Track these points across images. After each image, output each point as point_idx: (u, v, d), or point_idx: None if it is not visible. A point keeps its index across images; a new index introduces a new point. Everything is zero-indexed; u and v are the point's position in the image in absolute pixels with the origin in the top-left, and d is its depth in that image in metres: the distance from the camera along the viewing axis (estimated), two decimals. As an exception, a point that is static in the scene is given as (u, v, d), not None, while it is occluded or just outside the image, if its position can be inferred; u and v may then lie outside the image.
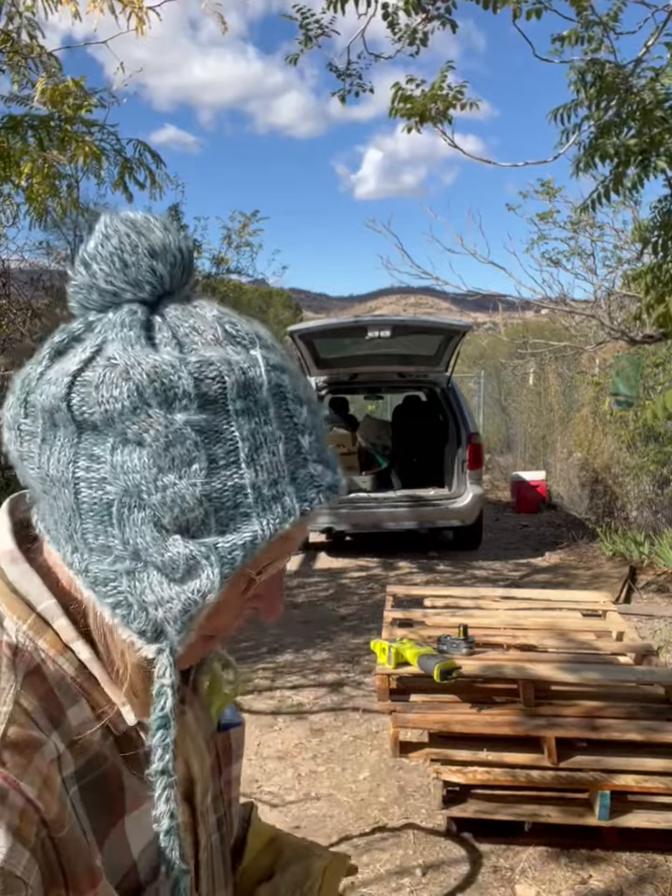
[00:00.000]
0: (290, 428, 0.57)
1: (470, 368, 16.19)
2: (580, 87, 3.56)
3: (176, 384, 0.54)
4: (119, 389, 0.53)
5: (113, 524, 0.55)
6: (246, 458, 0.55)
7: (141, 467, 0.53)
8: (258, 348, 0.58)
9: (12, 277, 8.55)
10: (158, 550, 0.54)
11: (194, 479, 0.54)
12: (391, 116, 3.76)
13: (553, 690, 3.17)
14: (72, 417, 0.54)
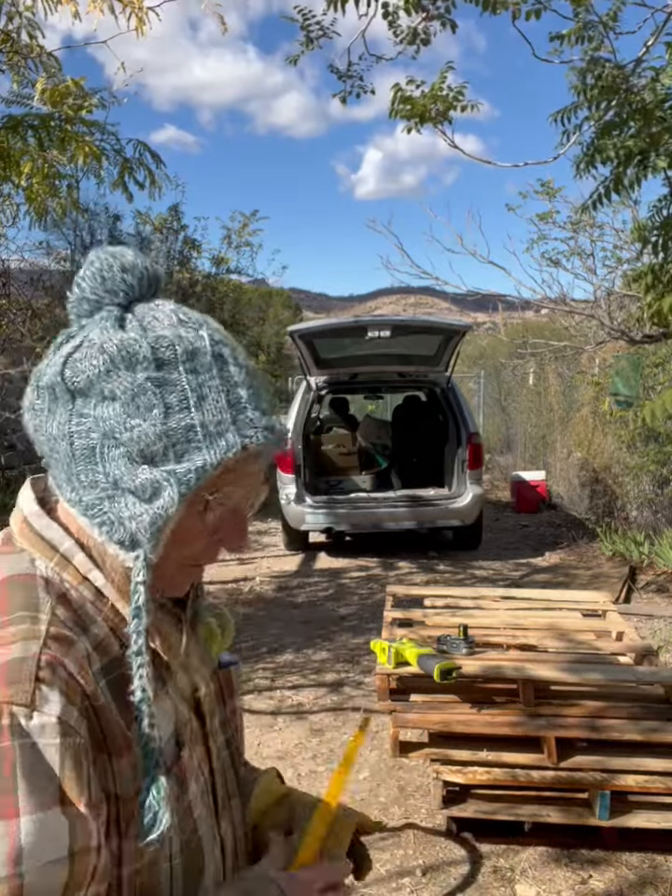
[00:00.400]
0: (230, 384, 0.73)
1: (470, 368, 16.19)
2: (580, 88, 3.56)
3: (138, 351, 0.71)
4: (96, 359, 0.71)
5: (97, 462, 0.72)
6: (195, 405, 0.71)
7: (114, 415, 0.71)
8: (203, 329, 0.75)
9: (12, 277, 8.55)
10: (130, 477, 0.71)
11: (154, 421, 0.70)
12: (391, 117, 3.76)
13: (553, 690, 3.17)
14: (66, 387, 0.72)
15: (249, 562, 7.47)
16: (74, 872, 0.63)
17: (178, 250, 10.73)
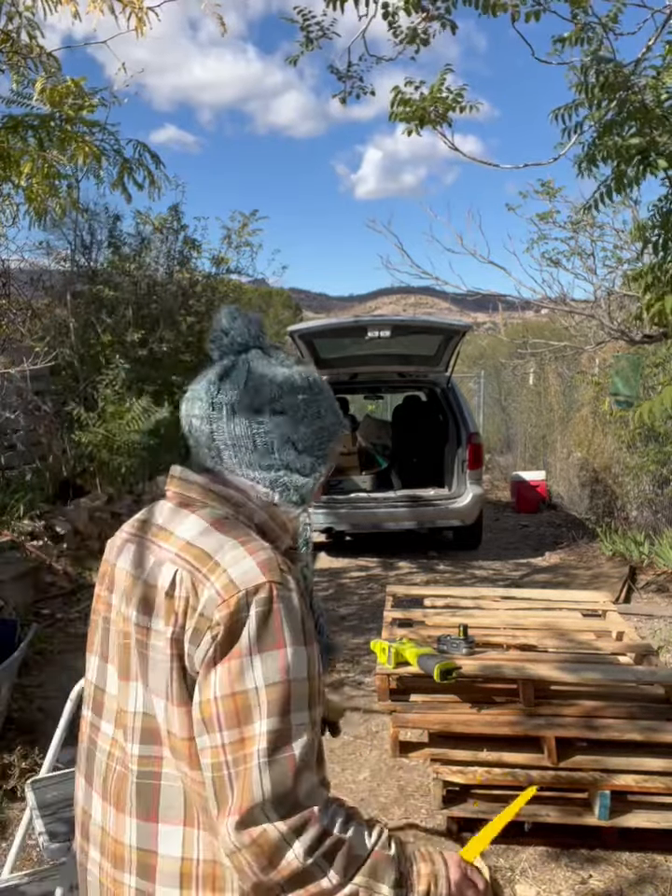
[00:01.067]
0: (329, 399, 1.17)
1: (470, 368, 16.19)
2: (581, 87, 3.56)
3: (296, 381, 1.13)
4: (269, 388, 1.11)
5: (274, 453, 1.12)
6: (323, 414, 1.15)
7: (285, 423, 1.11)
8: (309, 366, 1.19)
9: (12, 277, 8.55)
10: (297, 462, 1.13)
11: (308, 427, 1.13)
12: (391, 120, 3.76)
13: (552, 690, 3.17)
14: (247, 405, 1.10)
15: (249, 562, 7.47)
16: (312, 689, 1.00)
17: (178, 250, 10.71)
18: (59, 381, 8.97)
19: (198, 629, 0.99)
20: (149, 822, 1.03)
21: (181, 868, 1.02)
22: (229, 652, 0.96)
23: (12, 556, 5.71)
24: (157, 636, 1.02)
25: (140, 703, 1.05)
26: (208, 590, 0.99)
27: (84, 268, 10.12)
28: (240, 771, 0.94)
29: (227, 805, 0.94)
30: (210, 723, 0.96)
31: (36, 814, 2.13)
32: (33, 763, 3.12)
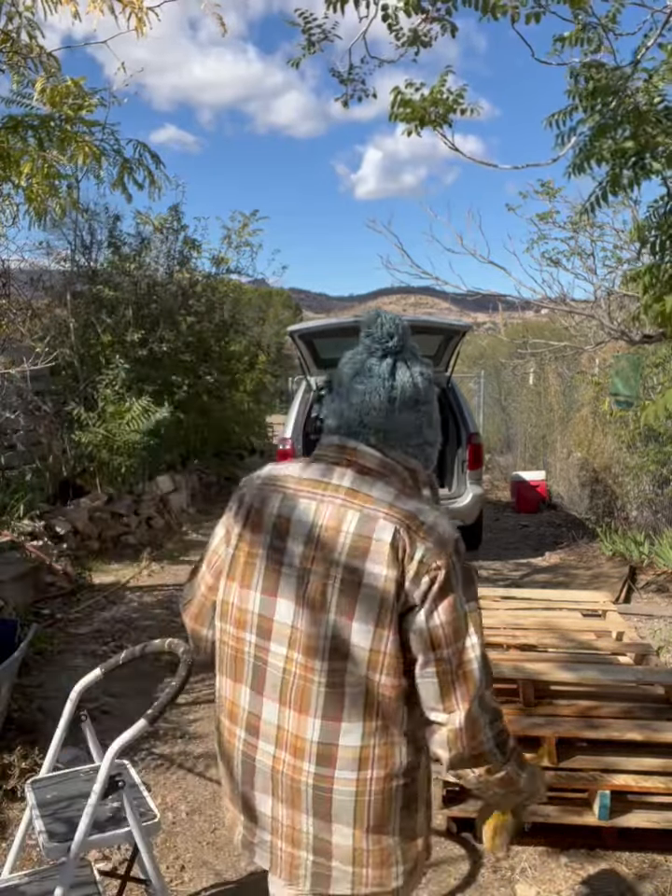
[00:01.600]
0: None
1: (470, 368, 16.19)
2: (575, 91, 3.57)
3: (432, 380, 1.50)
4: (423, 387, 1.45)
5: (423, 433, 1.46)
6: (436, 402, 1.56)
7: (433, 411, 1.49)
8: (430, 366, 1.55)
9: (12, 277, 8.55)
10: (435, 439, 1.49)
11: (436, 412, 1.49)
12: (391, 120, 3.76)
13: (552, 689, 3.18)
14: (410, 400, 1.44)
15: (249, 562, 7.47)
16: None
17: (178, 250, 10.71)
18: (59, 381, 8.97)
19: (418, 573, 1.29)
20: (334, 721, 1.32)
21: (360, 754, 1.31)
22: (448, 590, 1.30)
23: (12, 556, 5.71)
24: (373, 577, 1.30)
25: (331, 629, 1.31)
26: (424, 543, 1.30)
27: (84, 268, 10.12)
28: (463, 672, 1.31)
29: (451, 697, 1.31)
30: (438, 642, 1.30)
31: (36, 814, 2.14)
32: (33, 763, 3.13)
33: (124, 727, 2.09)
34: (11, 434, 7.35)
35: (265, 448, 14.14)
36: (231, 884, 2.64)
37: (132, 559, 7.25)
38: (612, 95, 3.47)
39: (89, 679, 2.37)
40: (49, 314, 9.47)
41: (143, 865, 2.12)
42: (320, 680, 1.32)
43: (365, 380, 1.45)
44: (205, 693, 4.27)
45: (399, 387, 1.42)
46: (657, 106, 3.52)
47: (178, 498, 9.27)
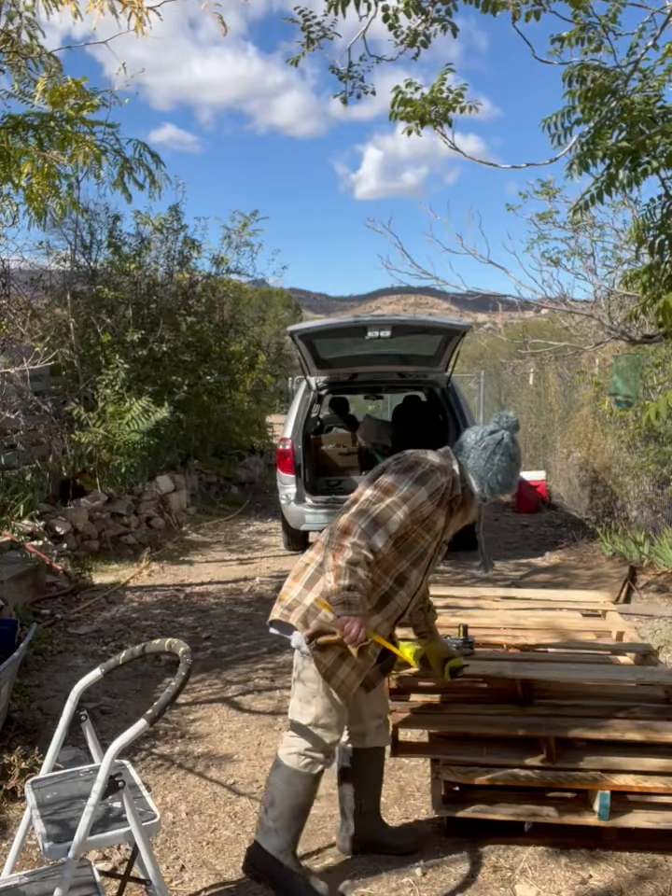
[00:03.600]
0: (496, 465, 2.58)
1: (470, 368, 16.19)
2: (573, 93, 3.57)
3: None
4: (492, 448, 2.57)
5: (481, 470, 2.56)
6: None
7: (486, 460, 2.57)
8: (503, 433, 2.65)
9: (12, 277, 8.55)
10: (484, 474, 2.56)
11: (491, 467, 2.57)
12: (391, 119, 3.76)
13: (552, 690, 3.18)
14: (489, 450, 2.56)
15: (249, 562, 7.47)
16: (419, 518, 2.47)
17: (178, 250, 10.72)
18: (59, 381, 8.98)
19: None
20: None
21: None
22: (389, 470, 2.62)
23: (12, 556, 5.71)
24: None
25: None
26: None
27: (84, 268, 10.13)
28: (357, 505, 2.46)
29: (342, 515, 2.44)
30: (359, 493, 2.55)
31: (36, 814, 2.13)
32: (33, 763, 3.12)
33: (124, 727, 2.09)
34: (11, 434, 7.35)
35: (265, 448, 14.14)
36: (230, 884, 2.64)
37: (132, 559, 7.25)
38: (610, 95, 3.47)
39: (89, 679, 2.37)
40: (49, 314, 9.48)
41: (143, 865, 2.11)
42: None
43: (478, 427, 2.71)
44: (205, 693, 4.27)
45: (485, 440, 2.64)
46: (654, 106, 3.53)
47: (178, 498, 9.27)
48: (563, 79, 3.62)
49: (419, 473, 2.47)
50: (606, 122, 3.50)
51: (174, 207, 10.49)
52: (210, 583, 6.62)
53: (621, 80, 3.50)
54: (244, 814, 3.08)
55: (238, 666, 4.66)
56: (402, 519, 2.37)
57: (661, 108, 3.55)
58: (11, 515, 6.37)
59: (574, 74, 3.56)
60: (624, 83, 3.50)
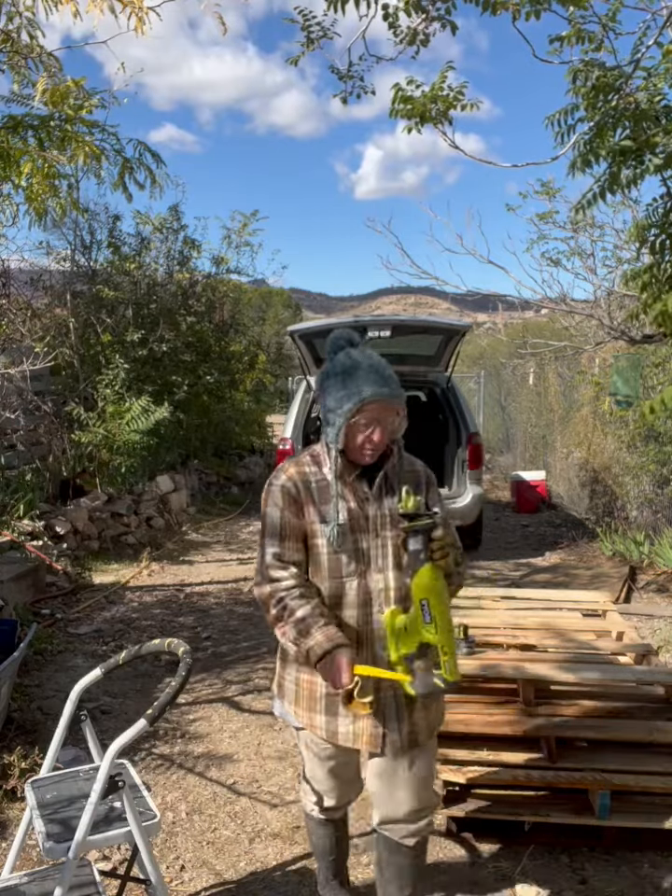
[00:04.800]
0: (356, 377, 2.00)
1: (470, 368, 16.20)
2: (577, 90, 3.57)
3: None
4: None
5: (324, 415, 2.06)
6: (345, 386, 2.01)
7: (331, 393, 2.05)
8: (345, 355, 2.08)
9: (12, 277, 8.55)
10: (332, 418, 2.02)
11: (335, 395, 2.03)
12: (391, 117, 3.76)
13: (552, 690, 3.18)
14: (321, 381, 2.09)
15: (249, 562, 7.47)
16: (283, 525, 2.06)
17: (178, 250, 10.72)
18: (59, 381, 8.97)
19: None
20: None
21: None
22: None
23: (12, 556, 5.71)
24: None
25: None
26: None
27: (84, 268, 10.13)
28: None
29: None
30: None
31: (36, 814, 2.13)
32: (33, 763, 3.12)
33: (124, 727, 2.09)
34: (11, 434, 7.35)
35: (265, 448, 14.13)
36: (230, 884, 2.64)
37: (132, 559, 7.25)
38: (613, 93, 3.47)
39: (89, 679, 2.37)
40: (49, 314, 9.47)
41: (143, 865, 2.11)
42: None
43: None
44: (205, 693, 4.27)
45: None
46: (657, 105, 3.53)
47: (178, 498, 9.27)
48: (567, 76, 3.61)
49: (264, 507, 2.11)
50: (608, 120, 3.49)
51: (174, 207, 10.50)
52: (210, 583, 6.62)
53: (623, 78, 3.50)
54: (244, 814, 3.08)
55: (238, 666, 4.65)
56: (274, 550, 2.03)
57: (663, 107, 3.55)
58: (11, 515, 6.36)
59: (578, 70, 3.55)
60: (626, 81, 3.50)
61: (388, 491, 2.06)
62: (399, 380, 2.06)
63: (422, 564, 1.87)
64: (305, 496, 2.04)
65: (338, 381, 1.98)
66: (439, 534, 1.92)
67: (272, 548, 2.03)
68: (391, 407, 2.01)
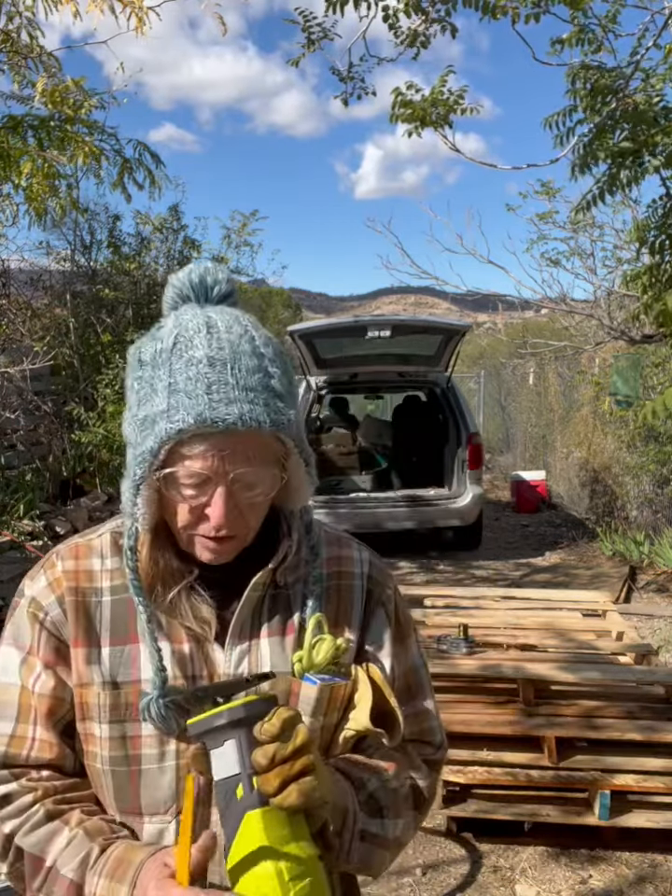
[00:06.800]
0: (176, 377, 0.85)
1: (470, 368, 16.20)
2: (574, 93, 3.58)
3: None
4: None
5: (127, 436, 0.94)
6: (148, 398, 0.88)
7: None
8: (177, 328, 0.89)
9: (12, 277, 8.55)
10: (132, 454, 0.92)
11: (132, 413, 0.92)
12: (392, 121, 3.76)
13: (552, 689, 3.18)
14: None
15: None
16: (22, 693, 0.94)
17: (178, 250, 10.72)
18: (59, 381, 8.97)
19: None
20: None
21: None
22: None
23: (12, 556, 5.70)
24: None
25: None
26: None
27: (84, 268, 10.13)
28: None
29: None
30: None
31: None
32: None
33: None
34: (11, 434, 7.35)
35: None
36: (231, 884, 2.64)
37: (132, 559, 7.24)
38: (612, 94, 3.47)
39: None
40: (48, 314, 9.47)
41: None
42: None
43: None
44: (205, 692, 4.26)
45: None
46: (656, 106, 3.53)
47: (178, 498, 9.27)
48: (566, 77, 3.62)
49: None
50: (607, 122, 3.50)
51: (173, 207, 10.49)
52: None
53: (622, 80, 3.50)
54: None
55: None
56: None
57: (662, 108, 3.55)
58: (11, 515, 6.36)
59: (577, 72, 3.56)
60: (626, 83, 3.50)
61: (275, 622, 0.96)
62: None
63: (244, 809, 0.77)
64: (79, 628, 0.95)
65: (143, 383, 0.89)
66: (302, 727, 0.80)
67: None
68: (251, 441, 0.85)
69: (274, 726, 0.76)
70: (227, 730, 0.78)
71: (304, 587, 0.96)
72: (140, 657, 0.92)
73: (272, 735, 0.76)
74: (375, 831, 0.91)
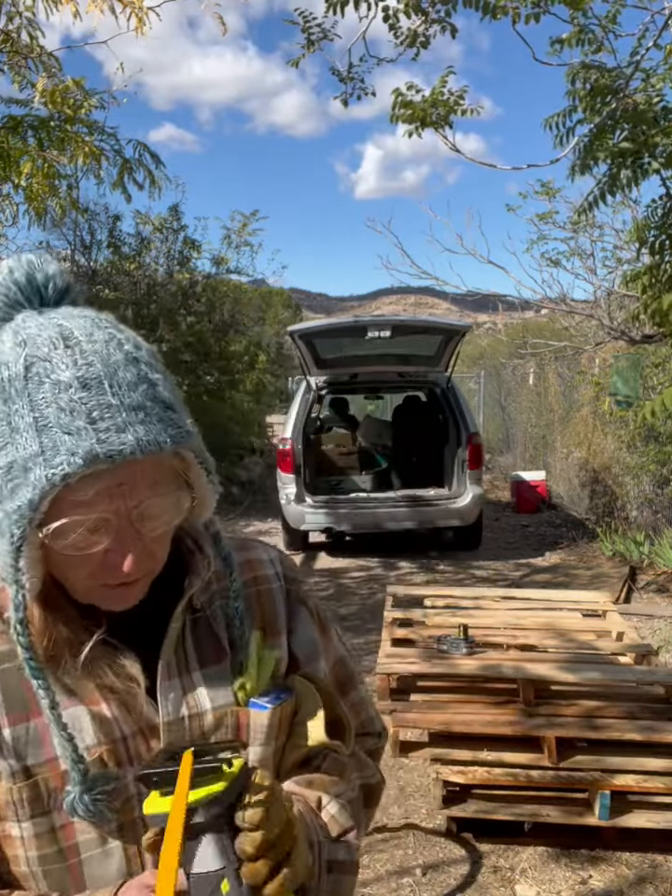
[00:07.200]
0: (41, 408, 0.68)
1: (470, 368, 16.20)
2: (574, 93, 3.58)
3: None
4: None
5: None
6: (10, 438, 0.69)
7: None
8: (25, 347, 0.70)
9: (12, 277, 8.54)
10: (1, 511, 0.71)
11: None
12: (392, 122, 3.76)
13: (553, 690, 3.18)
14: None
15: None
16: None
17: (178, 250, 10.73)
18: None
19: None
20: None
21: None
22: None
23: None
24: None
25: None
26: None
27: (84, 268, 10.14)
28: None
29: None
30: None
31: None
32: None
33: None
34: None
35: (265, 448, 14.14)
36: (231, 884, 2.64)
37: (132, 559, 7.24)
38: (612, 94, 3.48)
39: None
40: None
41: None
42: None
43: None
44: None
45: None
46: (656, 106, 3.53)
47: (178, 498, 9.27)
48: (566, 78, 3.62)
49: None
50: (607, 122, 3.50)
51: (173, 207, 10.51)
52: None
53: (622, 80, 3.51)
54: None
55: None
56: None
57: (662, 109, 3.55)
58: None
59: (577, 73, 3.56)
60: (626, 83, 3.50)
61: (203, 650, 0.85)
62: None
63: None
64: None
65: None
66: (259, 800, 0.68)
67: None
68: (150, 466, 0.72)
69: (258, 813, 0.66)
70: (203, 825, 0.67)
71: (224, 604, 0.84)
72: (50, 732, 0.75)
73: (255, 823, 0.66)
74: (343, 857, 0.81)
